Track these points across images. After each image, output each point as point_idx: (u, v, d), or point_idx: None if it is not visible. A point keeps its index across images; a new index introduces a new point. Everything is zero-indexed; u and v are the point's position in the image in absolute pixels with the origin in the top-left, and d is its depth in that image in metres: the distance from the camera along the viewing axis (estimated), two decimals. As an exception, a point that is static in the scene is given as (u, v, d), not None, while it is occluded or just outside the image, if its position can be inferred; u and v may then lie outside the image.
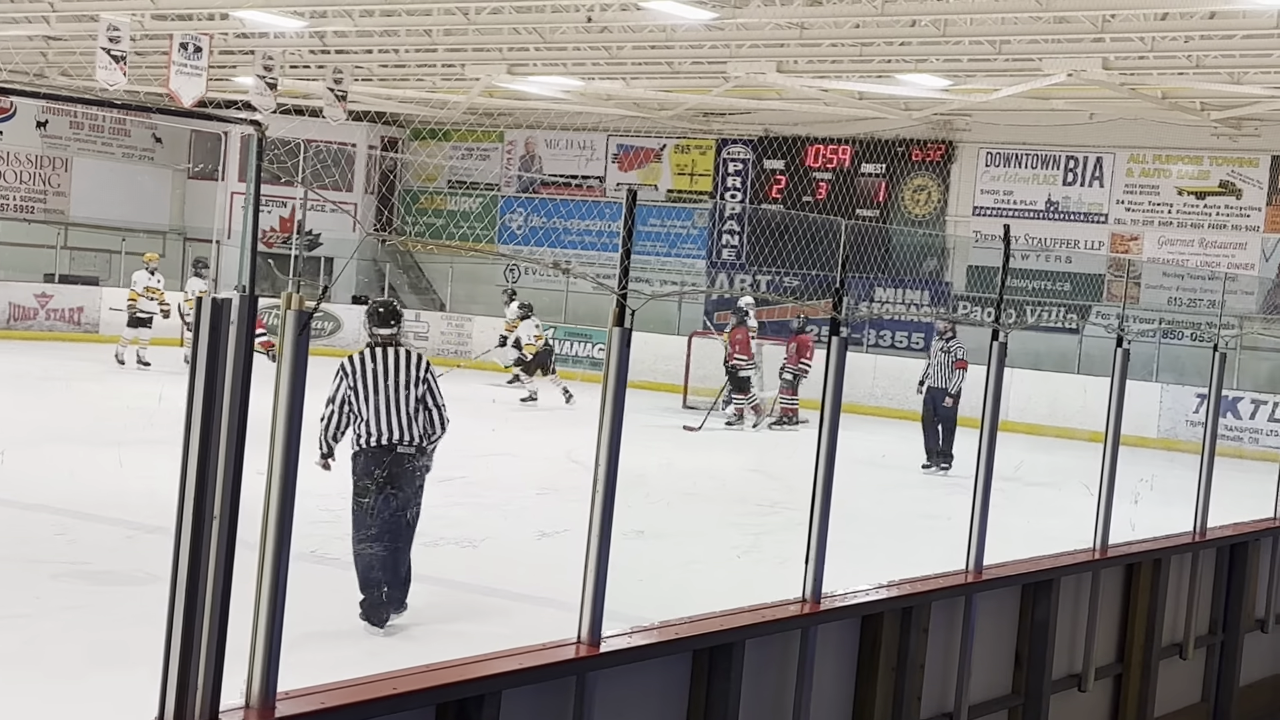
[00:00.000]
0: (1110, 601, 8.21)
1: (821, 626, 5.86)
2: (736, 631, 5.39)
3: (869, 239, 27.20)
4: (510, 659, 4.65)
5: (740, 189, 30.37)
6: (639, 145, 31.26)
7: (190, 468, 3.60)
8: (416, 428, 8.24)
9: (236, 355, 3.63)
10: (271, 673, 3.87)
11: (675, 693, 5.32)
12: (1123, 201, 26.77)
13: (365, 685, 4.20)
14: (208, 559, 3.64)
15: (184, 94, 21.35)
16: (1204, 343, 21.70)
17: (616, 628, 5.04)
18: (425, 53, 24.73)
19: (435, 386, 8.37)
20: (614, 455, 4.88)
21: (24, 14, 22.96)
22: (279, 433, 3.84)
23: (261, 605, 3.85)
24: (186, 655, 3.63)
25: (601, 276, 25.58)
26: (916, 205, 28.57)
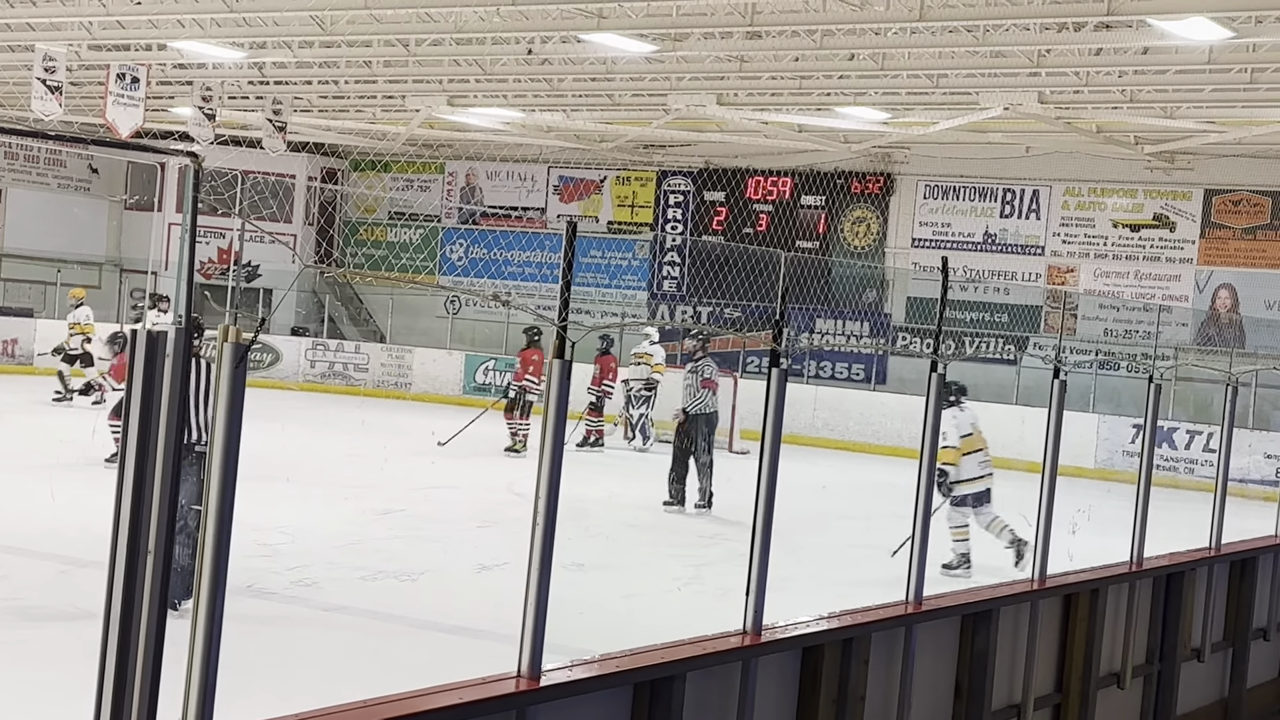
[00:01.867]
0: (1049, 631, 8.26)
1: (762, 658, 5.86)
2: (678, 664, 5.38)
3: (809, 270, 27.36)
4: (449, 693, 4.62)
5: (681, 220, 30.46)
6: (580, 177, 31.31)
7: (124, 502, 3.56)
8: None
9: (172, 388, 3.60)
10: (207, 708, 3.82)
11: (616, 726, 5.29)
12: (1059, 234, 27.05)
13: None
14: (142, 593, 3.59)
15: (121, 124, 21.20)
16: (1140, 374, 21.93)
17: (557, 661, 5.02)
18: (365, 84, 24.69)
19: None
20: (554, 487, 4.86)
21: (-42, 43, 22.77)
22: (215, 465, 3.80)
23: (197, 640, 3.80)
24: (120, 692, 3.58)
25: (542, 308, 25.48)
26: (856, 237, 28.75)
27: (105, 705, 3.58)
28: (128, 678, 3.59)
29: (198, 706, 3.81)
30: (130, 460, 3.56)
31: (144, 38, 21.79)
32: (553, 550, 4.86)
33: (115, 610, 3.57)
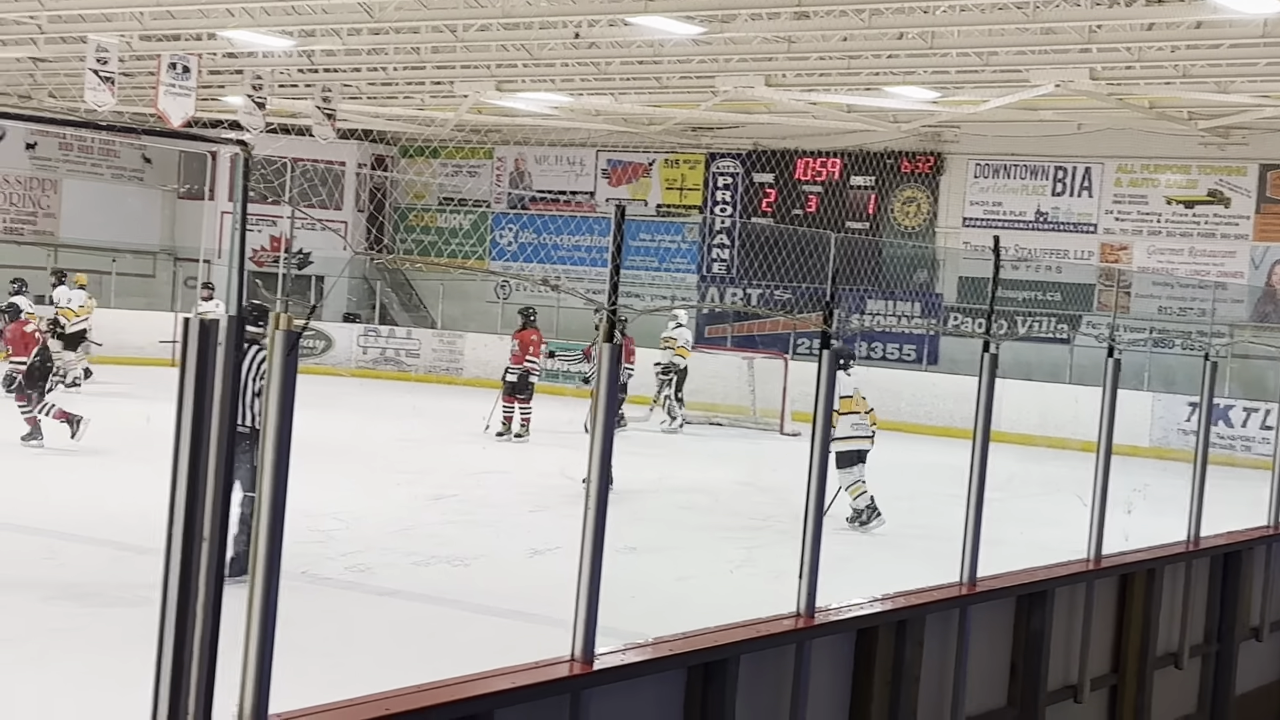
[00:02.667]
0: (1105, 612, 8.21)
1: (816, 640, 5.85)
2: (731, 647, 5.38)
3: (859, 251, 27.22)
4: (503, 677, 4.63)
5: (730, 203, 30.38)
6: (628, 160, 31.28)
7: (179, 489, 3.59)
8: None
9: (225, 375, 3.62)
10: (263, 694, 3.85)
11: (670, 709, 5.30)
12: (1111, 211, 26.81)
13: (358, 706, 4.18)
14: (198, 580, 3.62)
15: (172, 114, 21.34)
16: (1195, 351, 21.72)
17: (610, 644, 5.03)
18: (414, 70, 24.74)
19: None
20: (605, 470, 4.87)
21: (11, 36, 22.95)
22: (268, 453, 3.82)
23: (252, 626, 3.83)
24: (178, 678, 3.61)
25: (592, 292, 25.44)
26: (906, 217, 28.60)
27: (163, 691, 3.61)
28: (184, 663, 3.62)
29: (254, 691, 3.84)
30: (185, 447, 3.58)
31: (194, 27, 21.92)
32: (604, 534, 4.86)
33: (172, 596, 3.60)
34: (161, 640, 3.61)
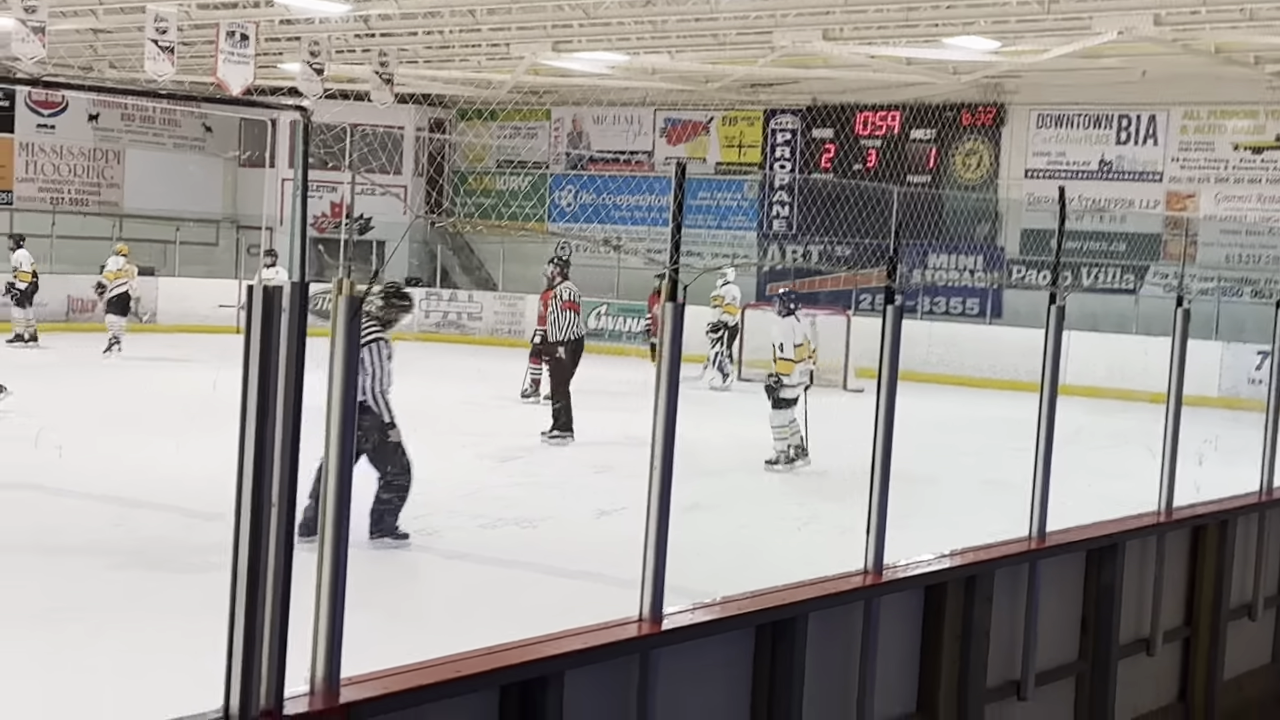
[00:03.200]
0: (1176, 564, 8.13)
1: (884, 598, 5.83)
2: (799, 605, 5.37)
3: (921, 205, 27.00)
4: (572, 639, 4.65)
5: (789, 159, 30.21)
6: (686, 119, 31.14)
7: (247, 455, 3.60)
8: None
9: (290, 343, 3.62)
10: (334, 658, 3.87)
11: (739, 667, 5.30)
12: (1177, 159, 26.44)
13: (429, 669, 4.20)
14: (267, 546, 3.64)
15: (232, 82, 21.43)
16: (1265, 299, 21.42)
17: (678, 604, 5.02)
18: (469, 33, 24.71)
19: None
20: (670, 430, 4.86)
21: (72, 7, 23.10)
22: (334, 417, 3.83)
23: (322, 590, 3.85)
24: (250, 643, 3.64)
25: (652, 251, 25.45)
26: (968, 170, 28.34)
27: (236, 657, 3.64)
28: (256, 629, 3.64)
29: (325, 655, 3.87)
30: (251, 414, 3.60)
31: (252, -5, 22.01)
32: (670, 493, 4.85)
33: (242, 563, 3.62)
34: (233, 607, 3.63)
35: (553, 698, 4.39)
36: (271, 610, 3.66)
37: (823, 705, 5.57)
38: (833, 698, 5.67)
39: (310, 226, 30.79)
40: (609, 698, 4.73)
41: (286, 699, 3.74)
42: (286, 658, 3.73)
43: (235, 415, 3.61)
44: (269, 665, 3.69)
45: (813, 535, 10.45)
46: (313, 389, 3.68)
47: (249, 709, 3.65)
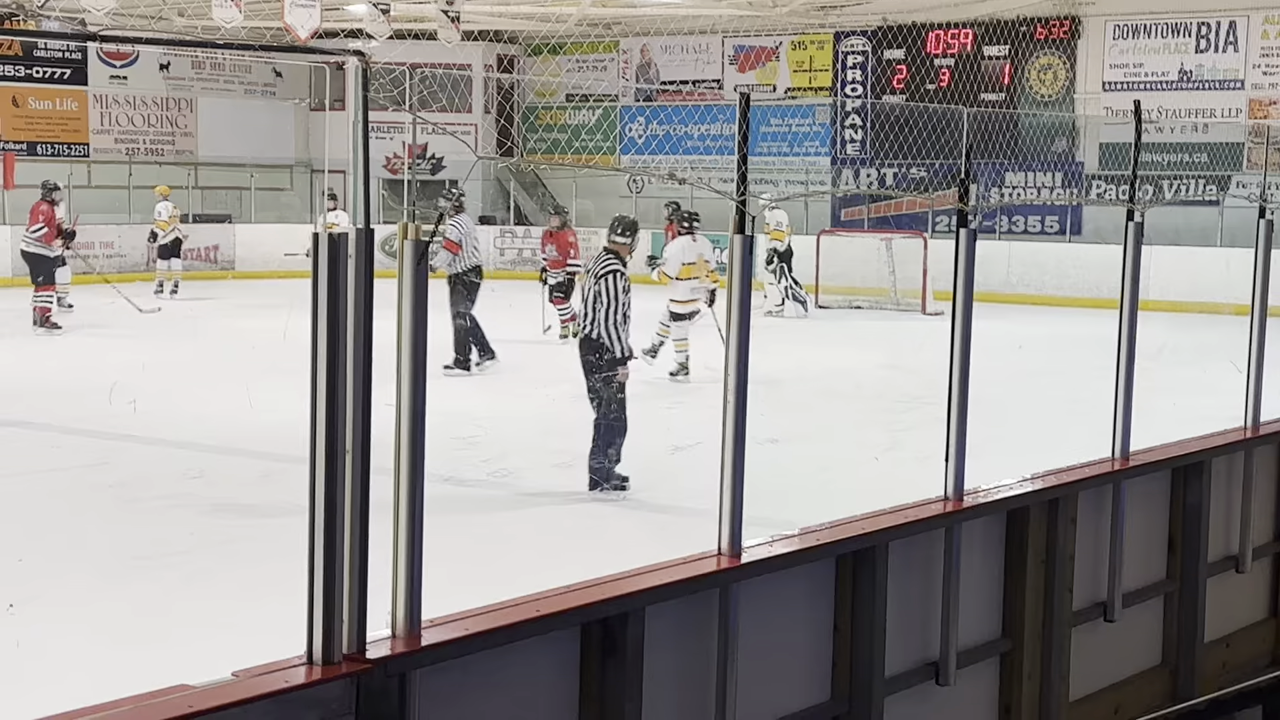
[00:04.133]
0: (1265, 480, 8.01)
1: (966, 523, 5.78)
2: (879, 534, 5.33)
3: (995, 124, 26.61)
4: (652, 574, 4.64)
5: (860, 82, 29.87)
6: (755, 45, 30.85)
7: (319, 402, 3.61)
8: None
9: (357, 288, 3.62)
10: (415, 601, 3.89)
11: (820, 598, 5.28)
12: (1259, 65, 25.85)
13: (509, 609, 4.21)
14: (343, 491, 3.65)
15: (300, 27, 21.43)
16: (1351, 207, 20.94)
17: (757, 537, 5.01)
18: (534, -33, 24.58)
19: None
20: (743, 362, 4.82)
21: (139, -42, 23.21)
22: (405, 361, 3.83)
23: (400, 533, 3.87)
24: (330, 588, 3.66)
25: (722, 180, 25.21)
26: (1043, 85, 27.87)
27: (318, 601, 3.66)
28: (336, 573, 3.66)
29: (406, 597, 3.89)
30: (322, 362, 3.60)
31: (315, -62, 21.95)
32: (746, 426, 4.82)
33: (319, 509, 3.64)
34: (312, 552, 3.65)
35: (634, 634, 4.40)
36: (350, 555, 3.68)
37: (905, 633, 5.55)
38: (915, 626, 5.65)
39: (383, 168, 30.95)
40: (690, 632, 4.72)
41: (369, 642, 3.77)
42: (367, 601, 3.75)
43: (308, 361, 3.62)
44: (350, 609, 3.71)
45: (892, 464, 10.39)
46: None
47: (332, 653, 3.68)
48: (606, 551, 7.79)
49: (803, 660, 5.26)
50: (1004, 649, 6.14)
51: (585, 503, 9.44)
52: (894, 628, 5.39)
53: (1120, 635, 6.85)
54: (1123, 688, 6.94)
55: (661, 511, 9.18)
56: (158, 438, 11.37)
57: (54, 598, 7.23)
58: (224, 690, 3.50)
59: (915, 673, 5.65)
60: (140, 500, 9.36)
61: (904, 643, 5.54)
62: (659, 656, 4.53)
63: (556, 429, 12.05)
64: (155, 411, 12.47)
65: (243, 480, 10.07)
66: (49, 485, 9.87)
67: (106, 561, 7.91)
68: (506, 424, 12.23)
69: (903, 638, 5.51)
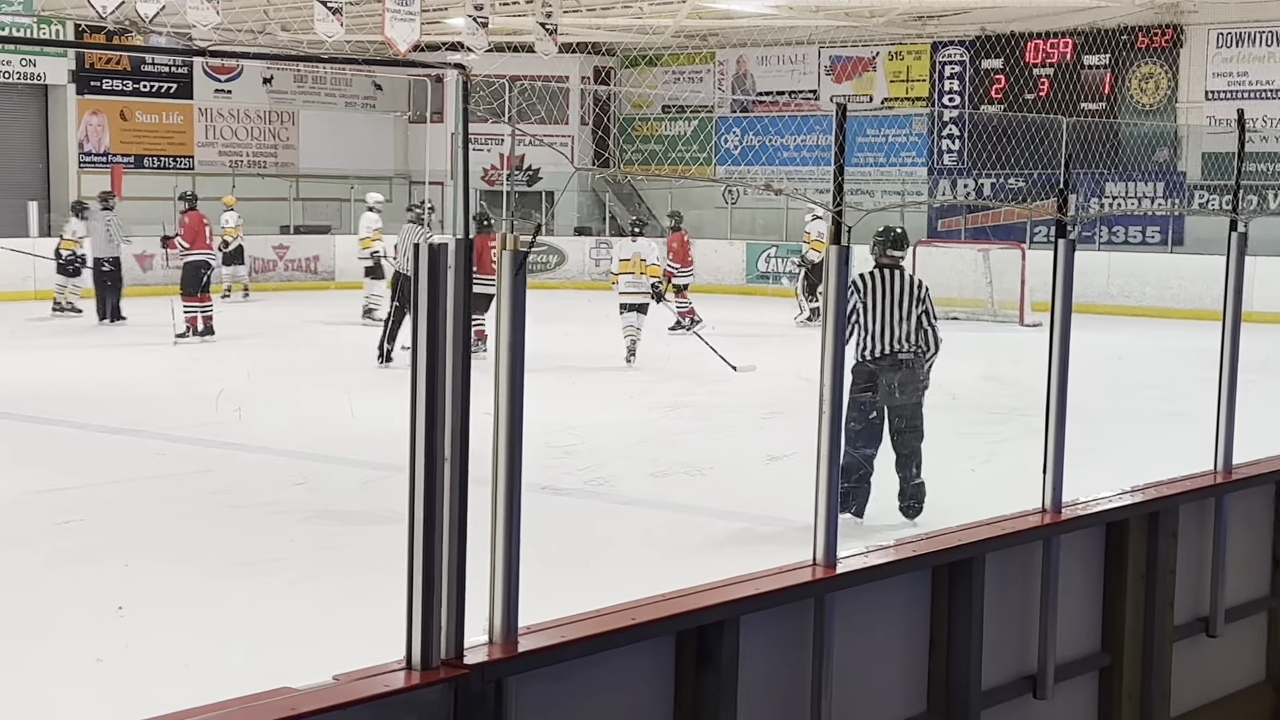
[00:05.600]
0: (1373, 496, 7.84)
1: (1064, 536, 5.72)
2: (976, 546, 5.29)
3: (1095, 134, 26.32)
4: (747, 584, 4.64)
5: (958, 92, 29.67)
6: (852, 55, 30.75)
7: (419, 410, 3.66)
8: (913, 342, 9.01)
9: (456, 299, 3.66)
10: (511, 608, 3.93)
11: (916, 609, 5.25)
12: (1367, 74, 25.37)
13: (604, 616, 4.23)
14: (442, 499, 3.70)
15: (399, 40, 21.68)
16: None
17: (852, 547, 5.00)
18: (631, -22, 24.67)
19: (931, 309, 9.17)
20: (839, 372, 4.81)
21: (243, -27, 23.61)
22: (503, 372, 3.87)
23: (498, 541, 3.90)
24: (428, 594, 3.70)
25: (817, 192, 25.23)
26: (1144, 95, 27.52)
27: (416, 608, 3.71)
28: (434, 580, 3.71)
29: (503, 604, 3.92)
30: (422, 370, 3.65)
31: (415, -47, 22.20)
32: (841, 436, 4.82)
33: (418, 517, 3.69)
34: (411, 559, 3.70)
35: (728, 643, 4.40)
36: (448, 562, 3.72)
37: (1003, 646, 5.51)
38: (1013, 638, 5.60)
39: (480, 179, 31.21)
40: (785, 642, 4.72)
41: (467, 648, 3.81)
42: (465, 607, 3.79)
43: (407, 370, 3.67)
44: (448, 615, 3.76)
45: (990, 475, 10.32)
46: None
47: (431, 658, 3.72)
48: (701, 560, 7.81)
49: (898, 671, 5.24)
50: (1103, 663, 6.07)
51: (680, 512, 9.46)
52: (991, 640, 5.35)
53: (1223, 651, 6.75)
54: (1225, 704, 6.84)
55: (755, 521, 9.18)
56: (261, 445, 11.55)
57: (160, 601, 7.37)
58: (325, 694, 3.56)
59: (1012, 686, 5.60)
60: (243, 507, 9.52)
61: (1001, 655, 5.49)
62: (754, 666, 4.53)
63: (653, 438, 12.11)
64: (259, 419, 12.66)
65: (343, 487, 10.20)
66: (155, 491, 10.07)
67: (210, 566, 8.05)
68: (604, 433, 12.29)
69: (1000, 650, 5.47)
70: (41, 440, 12.07)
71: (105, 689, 6.18)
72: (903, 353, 8.95)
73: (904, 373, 8.99)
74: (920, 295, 9.10)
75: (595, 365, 16.79)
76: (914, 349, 9.01)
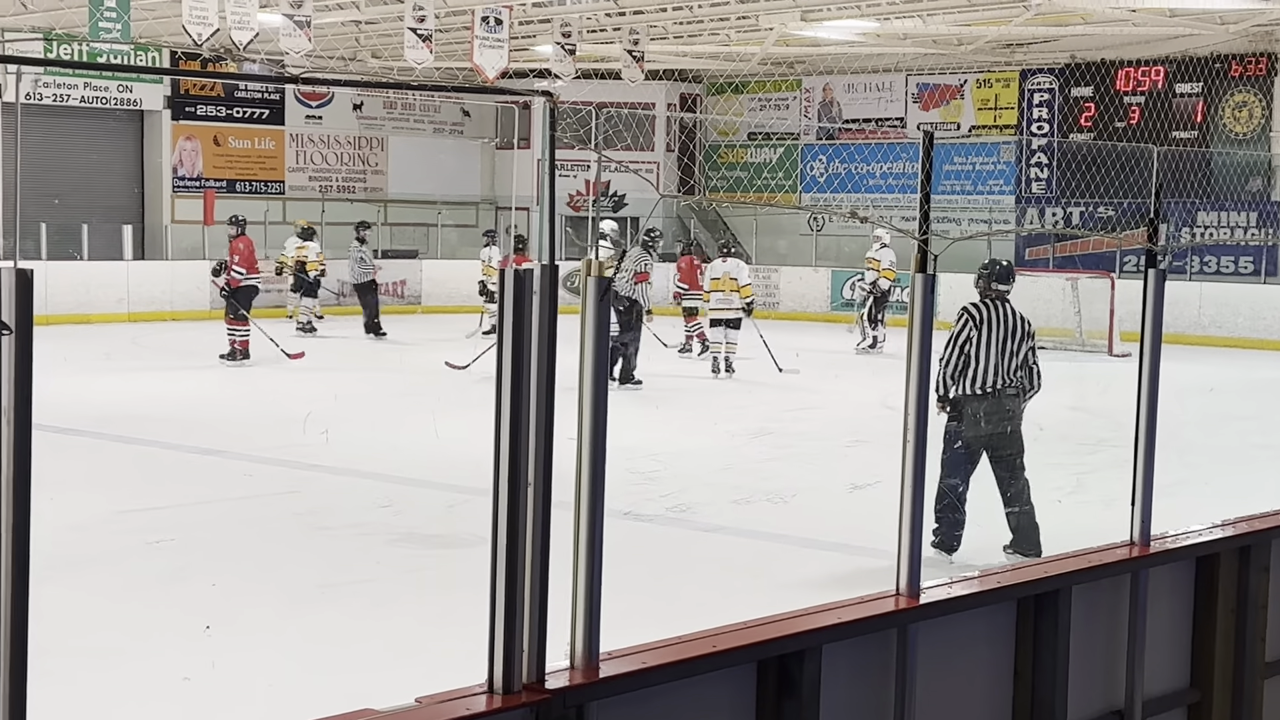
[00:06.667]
0: None
1: (1153, 570, 5.65)
2: (1062, 578, 5.23)
3: (1187, 163, 26.01)
4: (829, 613, 4.62)
5: (1047, 120, 29.44)
6: (939, 83, 30.62)
7: (503, 435, 3.68)
8: (1020, 378, 8.92)
9: (541, 324, 3.69)
10: (593, 633, 3.93)
11: (1000, 641, 5.20)
12: None
13: (686, 643, 4.23)
14: (525, 523, 3.72)
15: (487, 67, 21.88)
16: None
17: (936, 577, 4.96)
18: (718, 7, 24.72)
19: (1035, 346, 9.06)
20: (923, 401, 4.78)
21: (336, 1, 23.91)
22: (587, 397, 3.89)
23: (580, 566, 3.91)
24: (510, 618, 3.72)
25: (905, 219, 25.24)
26: (1238, 123, 27.16)
27: (498, 632, 3.73)
28: (516, 604, 3.72)
29: (584, 629, 3.93)
30: (506, 395, 3.68)
31: (504, -20, 22.42)
32: (925, 465, 4.78)
33: (501, 541, 3.71)
34: (494, 583, 3.72)
35: (810, 672, 4.38)
36: (530, 586, 3.74)
37: (1089, 680, 5.44)
38: (1099, 672, 5.53)
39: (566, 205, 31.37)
40: (867, 673, 4.69)
41: (548, 673, 3.82)
42: (547, 632, 3.81)
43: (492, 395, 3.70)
44: (530, 639, 3.77)
45: (1077, 506, 10.20)
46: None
47: (512, 682, 3.74)
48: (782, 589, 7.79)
49: (982, 704, 5.18)
50: (1192, 699, 5.98)
51: (763, 539, 9.44)
52: (1076, 674, 5.29)
53: (1315, 689, 6.62)
54: (1317, 744, 6.71)
55: (838, 550, 9.14)
56: (347, 468, 11.66)
57: (245, 621, 7.45)
58: (408, 715, 3.58)
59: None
60: (329, 528, 9.61)
61: (1087, 690, 5.43)
62: (835, 696, 4.51)
63: (736, 465, 12.08)
64: (346, 442, 12.78)
65: (428, 511, 10.27)
66: (242, 512, 10.19)
67: (295, 587, 8.13)
68: (686, 460, 12.29)
69: (1086, 685, 5.40)
70: (133, 460, 12.25)
71: (192, 707, 6.26)
72: (1010, 388, 8.86)
73: (1008, 407, 8.89)
74: (1029, 330, 9.01)
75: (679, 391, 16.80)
76: (1019, 385, 8.93)
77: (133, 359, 19.70)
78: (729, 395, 16.66)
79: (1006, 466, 8.88)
